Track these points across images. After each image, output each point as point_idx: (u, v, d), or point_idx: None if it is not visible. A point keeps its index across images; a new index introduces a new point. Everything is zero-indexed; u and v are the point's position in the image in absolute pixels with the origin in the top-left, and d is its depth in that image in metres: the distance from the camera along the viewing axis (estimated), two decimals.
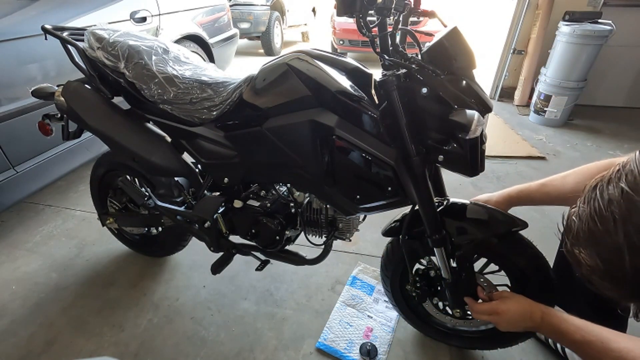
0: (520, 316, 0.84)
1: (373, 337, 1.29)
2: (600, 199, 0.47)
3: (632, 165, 0.45)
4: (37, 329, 1.33)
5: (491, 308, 0.89)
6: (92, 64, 1.17)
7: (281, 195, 1.18)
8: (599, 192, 0.47)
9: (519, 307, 0.85)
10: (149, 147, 1.17)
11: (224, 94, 1.07)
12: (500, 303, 0.88)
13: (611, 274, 0.47)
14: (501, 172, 2.41)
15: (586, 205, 0.49)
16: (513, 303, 0.87)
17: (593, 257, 0.48)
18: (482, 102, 0.81)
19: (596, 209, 0.47)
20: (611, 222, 0.45)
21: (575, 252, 0.51)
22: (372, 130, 0.89)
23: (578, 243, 0.50)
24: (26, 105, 1.63)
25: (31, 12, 1.68)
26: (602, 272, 0.48)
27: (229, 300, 1.45)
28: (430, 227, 0.93)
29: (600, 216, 0.46)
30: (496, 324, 0.89)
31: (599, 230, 0.46)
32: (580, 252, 0.50)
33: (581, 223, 0.49)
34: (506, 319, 0.86)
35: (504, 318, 0.86)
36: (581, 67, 2.94)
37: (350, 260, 1.64)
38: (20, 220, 1.93)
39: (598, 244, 0.47)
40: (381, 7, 0.74)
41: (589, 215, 0.48)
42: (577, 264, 0.51)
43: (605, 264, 0.47)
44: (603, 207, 0.46)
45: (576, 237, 0.50)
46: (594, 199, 0.48)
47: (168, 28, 2.51)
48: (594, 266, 0.48)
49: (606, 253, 0.46)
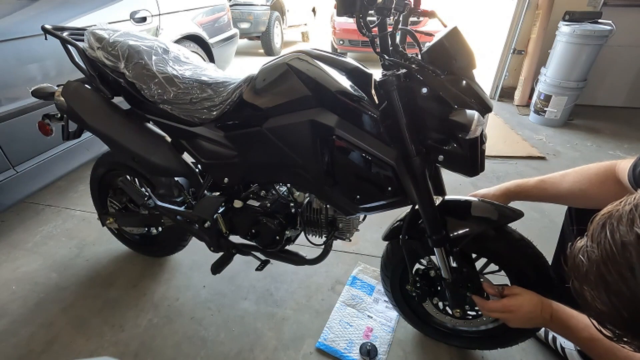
0: (532, 313, 0.84)
1: (373, 337, 1.29)
2: (611, 241, 0.42)
3: None
4: (37, 329, 1.33)
5: (503, 306, 0.88)
6: (92, 64, 1.17)
7: (281, 195, 1.18)
8: (609, 232, 0.43)
9: (530, 304, 0.85)
10: (149, 147, 1.17)
11: (224, 94, 1.07)
12: (512, 300, 0.87)
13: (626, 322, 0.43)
14: (501, 172, 2.41)
15: (595, 245, 0.44)
16: (525, 300, 0.86)
17: (605, 303, 0.44)
18: (482, 102, 0.81)
19: (608, 253, 0.42)
20: (627, 270, 0.40)
21: (584, 294, 0.46)
22: (372, 130, 0.89)
23: (588, 284, 0.45)
24: (26, 105, 1.63)
25: (31, 12, 1.68)
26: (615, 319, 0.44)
27: (229, 300, 1.45)
28: (430, 227, 0.93)
29: (614, 262, 0.42)
30: (507, 320, 0.89)
31: (612, 278, 0.42)
32: (591, 295, 0.45)
33: (591, 265, 0.44)
34: (519, 317, 0.85)
35: (517, 315, 0.86)
36: (581, 67, 2.94)
37: (350, 260, 1.64)
38: (20, 220, 1.93)
39: (611, 290, 0.42)
40: (381, 7, 0.74)
41: (600, 259, 0.43)
42: (586, 306, 0.47)
43: (619, 312, 0.42)
44: (617, 253, 0.41)
45: (585, 278, 0.45)
46: (604, 241, 0.43)
47: (168, 28, 2.51)
48: (607, 312, 0.44)
49: (621, 301, 0.42)
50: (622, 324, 0.43)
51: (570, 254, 0.49)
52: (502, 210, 0.94)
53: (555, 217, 1.91)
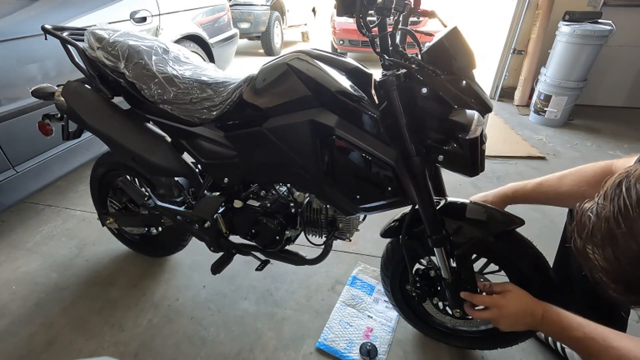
0: (521, 311, 0.82)
1: (373, 337, 1.29)
2: (626, 197, 0.42)
3: None
4: (37, 329, 1.33)
5: (492, 301, 0.87)
6: (92, 64, 1.17)
7: (281, 195, 1.18)
8: (626, 189, 0.43)
9: (520, 302, 0.83)
10: (149, 147, 1.17)
11: (224, 94, 1.07)
12: (501, 297, 0.86)
13: (626, 277, 0.44)
14: (501, 172, 2.41)
15: (608, 202, 0.45)
16: (514, 297, 0.84)
17: (608, 259, 0.44)
18: (482, 102, 0.81)
19: (621, 207, 0.43)
20: (638, 224, 0.41)
21: (586, 251, 0.47)
22: (372, 130, 0.89)
23: (592, 241, 0.46)
24: (26, 105, 1.63)
25: (31, 12, 1.68)
26: (615, 274, 0.45)
27: (229, 300, 1.45)
28: (430, 227, 0.93)
29: (626, 216, 0.42)
30: (496, 319, 0.86)
31: (621, 232, 0.42)
32: (594, 252, 0.46)
33: (599, 221, 0.45)
34: (507, 314, 0.83)
35: (505, 312, 0.84)
36: (581, 67, 2.94)
37: (350, 260, 1.64)
38: (20, 220, 1.93)
39: (617, 245, 0.43)
40: (381, 7, 0.74)
41: (612, 214, 0.43)
42: (586, 263, 0.48)
43: (622, 267, 0.43)
44: (630, 207, 0.42)
45: (590, 235, 0.46)
46: (618, 197, 0.43)
47: (168, 28, 2.51)
48: (607, 267, 0.45)
49: (626, 255, 0.43)
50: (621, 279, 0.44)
51: (577, 213, 0.49)
52: (505, 217, 0.94)
53: (555, 217, 1.91)
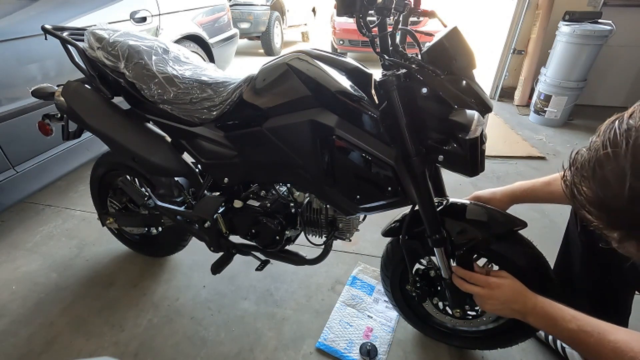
0: (513, 296, 0.81)
1: (373, 337, 1.29)
2: (617, 128, 0.47)
3: None
4: (37, 329, 1.33)
5: (486, 280, 0.86)
6: (92, 64, 1.17)
7: (281, 195, 1.18)
8: (618, 122, 0.48)
9: (513, 288, 0.82)
10: (149, 147, 1.17)
11: (224, 94, 1.07)
12: (496, 278, 0.85)
13: (607, 199, 0.48)
14: (501, 172, 2.41)
15: (600, 136, 0.49)
16: (509, 282, 0.84)
17: (593, 186, 0.49)
18: (482, 102, 0.81)
19: (611, 136, 0.47)
20: (622, 146, 0.45)
21: (574, 182, 0.52)
22: (372, 130, 0.89)
23: (580, 174, 0.51)
24: (26, 105, 1.63)
25: (31, 12, 1.68)
26: (599, 200, 0.49)
27: (229, 300, 1.45)
28: (430, 227, 0.93)
29: (614, 141, 0.46)
30: (484, 299, 0.85)
31: (607, 155, 0.47)
32: (581, 184, 0.51)
33: (589, 152, 0.50)
34: (498, 295, 0.83)
35: (495, 293, 0.83)
36: (581, 67, 2.94)
37: (350, 260, 1.64)
38: (20, 220, 1.93)
39: (602, 168, 0.47)
40: (381, 7, 0.74)
41: (601, 142, 0.48)
42: (573, 195, 0.53)
43: (604, 189, 0.48)
44: (618, 134, 0.46)
45: (581, 168, 0.51)
46: (610, 129, 0.48)
47: (168, 28, 2.51)
48: (591, 196, 0.49)
49: (608, 177, 0.47)
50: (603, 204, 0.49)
51: (574, 151, 0.54)
52: (508, 219, 0.94)
53: (555, 217, 1.91)
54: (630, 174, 0.44)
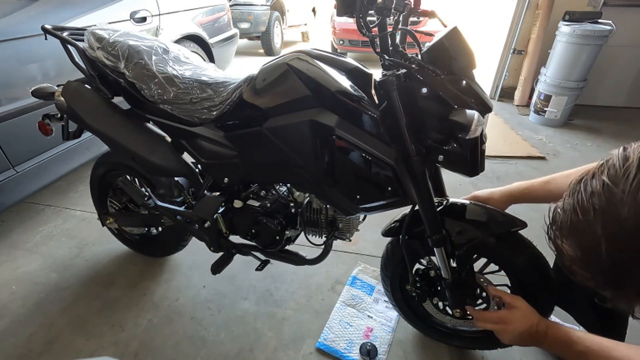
0: (526, 328, 0.83)
1: (373, 337, 1.29)
2: (583, 192, 0.49)
3: (614, 160, 0.47)
4: (37, 329, 1.33)
5: (498, 317, 0.88)
6: (92, 64, 1.17)
7: (281, 195, 1.18)
8: (583, 185, 0.49)
9: (524, 320, 0.84)
10: (149, 147, 1.17)
11: (224, 94, 1.07)
12: (508, 312, 0.87)
13: (589, 263, 0.49)
14: (501, 172, 2.41)
15: (570, 197, 0.51)
16: (520, 315, 0.86)
17: (574, 248, 0.50)
18: (482, 102, 0.81)
19: (579, 200, 0.49)
20: (591, 213, 0.47)
21: (557, 243, 0.53)
22: (372, 130, 0.89)
23: (561, 234, 0.52)
24: (26, 105, 1.62)
25: (31, 12, 1.67)
26: (581, 262, 0.50)
27: (229, 300, 1.45)
28: (430, 227, 0.93)
29: (582, 207, 0.48)
30: (500, 332, 0.87)
31: (579, 221, 0.48)
32: (563, 243, 0.52)
33: (565, 214, 0.51)
34: (511, 329, 0.85)
35: (509, 328, 0.85)
36: (581, 67, 2.94)
37: (350, 260, 1.64)
38: (20, 220, 1.93)
39: (578, 234, 0.49)
40: (381, 7, 0.74)
41: (572, 207, 0.50)
42: (560, 255, 0.54)
43: (584, 254, 0.49)
44: (585, 199, 0.48)
45: (559, 228, 0.52)
46: (577, 192, 0.50)
47: (168, 28, 2.51)
48: (574, 256, 0.50)
49: (585, 243, 0.48)
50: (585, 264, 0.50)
51: (550, 210, 0.55)
52: (506, 218, 0.94)
53: None
54: (604, 239, 0.46)
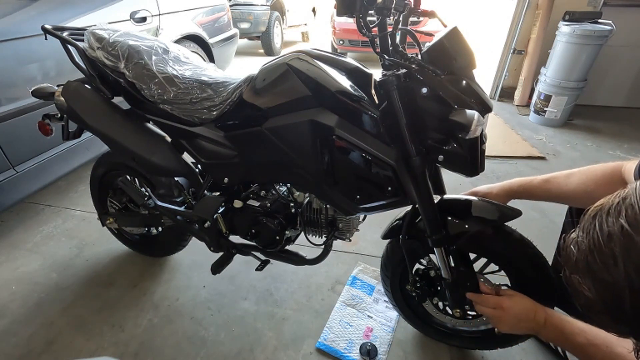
0: (524, 314, 0.83)
1: (373, 337, 1.29)
2: (599, 232, 0.44)
3: (632, 200, 0.42)
4: (37, 329, 1.33)
5: (497, 301, 0.88)
6: (92, 64, 1.17)
7: (281, 195, 1.18)
8: (598, 223, 0.45)
9: (523, 306, 0.84)
10: (149, 147, 1.17)
11: (224, 94, 1.07)
12: (507, 298, 0.87)
13: (611, 310, 0.45)
14: (501, 172, 2.41)
15: (584, 235, 0.46)
16: (518, 301, 0.85)
17: (592, 290, 0.46)
18: (482, 102, 0.81)
19: (595, 242, 0.44)
20: (611, 260, 0.42)
21: (574, 282, 0.48)
22: (372, 130, 0.89)
23: (577, 272, 0.47)
24: (26, 105, 1.62)
25: (31, 12, 1.67)
26: (600, 306, 0.46)
27: (229, 300, 1.45)
28: (431, 227, 0.93)
29: (599, 251, 0.43)
30: (498, 320, 0.87)
31: (597, 266, 0.44)
32: (580, 282, 0.47)
33: (580, 254, 0.46)
34: (510, 315, 0.84)
35: (508, 314, 0.85)
36: (581, 67, 2.94)
37: (350, 260, 1.64)
38: (20, 220, 1.93)
39: (596, 278, 0.44)
40: (381, 7, 0.74)
41: (588, 248, 0.45)
42: (576, 294, 0.49)
43: (604, 301, 0.44)
44: (602, 242, 0.43)
45: (575, 267, 0.48)
46: (592, 230, 0.45)
47: (168, 28, 2.51)
48: (593, 299, 0.46)
49: (606, 290, 0.44)
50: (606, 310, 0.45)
51: (563, 244, 0.51)
52: (501, 209, 0.93)
53: (555, 217, 1.91)
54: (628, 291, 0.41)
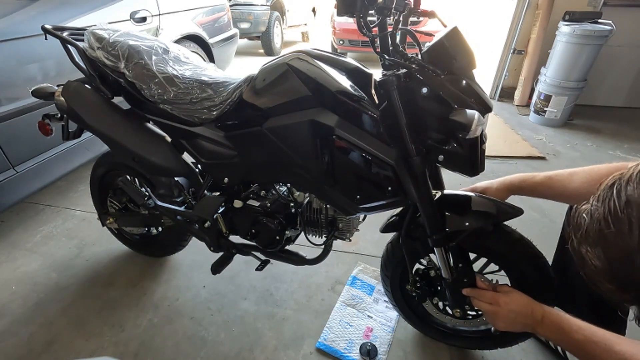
0: (521, 311, 0.82)
1: (373, 337, 1.29)
2: (616, 199, 0.45)
3: None
4: (37, 329, 1.33)
5: (494, 297, 0.87)
6: (92, 64, 1.17)
7: (281, 195, 1.18)
8: (616, 191, 0.45)
9: (520, 302, 0.83)
10: (149, 147, 1.17)
11: (224, 94, 1.07)
12: (504, 295, 0.86)
13: (617, 276, 0.46)
14: (501, 172, 2.41)
15: (600, 203, 0.47)
16: (516, 296, 0.85)
17: (600, 258, 0.46)
18: (482, 102, 0.81)
19: (611, 209, 0.45)
20: (626, 225, 0.43)
21: (581, 251, 0.49)
22: (372, 130, 0.89)
23: (586, 242, 0.48)
24: (26, 105, 1.62)
25: (31, 12, 1.67)
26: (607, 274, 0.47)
27: (229, 300, 1.45)
28: (431, 227, 0.93)
29: (615, 217, 0.44)
30: (495, 316, 0.86)
31: (611, 232, 0.44)
32: (587, 251, 0.48)
33: (592, 222, 0.47)
34: (507, 311, 0.83)
35: (505, 310, 0.84)
36: (581, 67, 2.94)
37: (350, 260, 1.64)
38: (20, 220, 1.93)
39: (608, 244, 0.45)
40: (381, 7, 0.74)
41: (602, 215, 0.46)
42: (582, 263, 0.50)
43: (612, 266, 0.45)
44: (619, 208, 0.44)
45: (585, 236, 0.48)
46: (609, 199, 0.46)
47: (168, 28, 2.51)
48: (600, 267, 0.47)
49: (615, 255, 0.45)
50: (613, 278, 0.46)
51: (573, 214, 0.51)
52: (501, 206, 0.93)
53: (555, 217, 1.91)
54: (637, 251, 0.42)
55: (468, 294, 0.95)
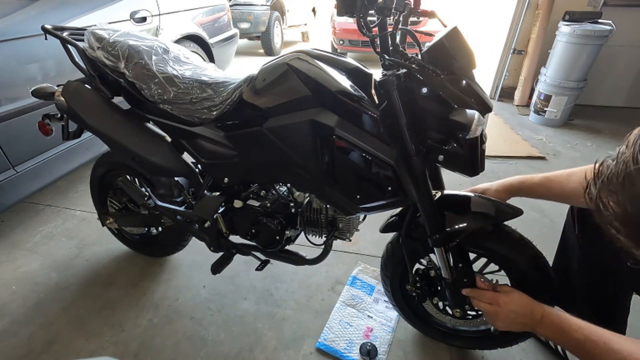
0: (521, 310, 0.82)
1: (373, 337, 1.29)
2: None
3: None
4: (37, 329, 1.33)
5: (493, 297, 0.87)
6: (92, 64, 1.17)
7: (281, 195, 1.18)
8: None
9: (520, 302, 0.83)
10: (149, 147, 1.17)
11: (224, 94, 1.07)
12: (503, 295, 0.86)
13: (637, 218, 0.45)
14: (501, 172, 2.41)
15: (629, 148, 0.47)
16: (516, 296, 0.85)
17: (621, 203, 0.46)
18: (482, 102, 0.81)
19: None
20: None
21: (600, 197, 0.49)
22: (372, 130, 0.89)
23: (607, 188, 0.48)
24: (26, 105, 1.62)
25: (31, 12, 1.67)
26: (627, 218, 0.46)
27: (229, 300, 1.45)
28: (431, 227, 0.93)
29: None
30: (494, 316, 0.86)
31: (638, 171, 0.44)
32: (608, 197, 0.48)
33: (617, 165, 0.47)
34: (506, 310, 0.83)
35: (504, 309, 0.84)
36: (581, 67, 2.94)
37: (350, 260, 1.64)
38: (20, 220, 1.93)
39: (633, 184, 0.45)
40: (381, 7, 0.74)
41: (632, 156, 0.46)
42: (598, 210, 0.50)
43: (633, 206, 0.45)
44: None
45: (608, 182, 0.48)
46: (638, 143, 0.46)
47: (168, 28, 2.51)
48: (619, 212, 0.47)
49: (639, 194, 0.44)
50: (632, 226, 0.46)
51: (597, 163, 0.51)
52: (501, 207, 0.93)
53: (555, 217, 1.91)
54: None
55: (468, 294, 0.95)
